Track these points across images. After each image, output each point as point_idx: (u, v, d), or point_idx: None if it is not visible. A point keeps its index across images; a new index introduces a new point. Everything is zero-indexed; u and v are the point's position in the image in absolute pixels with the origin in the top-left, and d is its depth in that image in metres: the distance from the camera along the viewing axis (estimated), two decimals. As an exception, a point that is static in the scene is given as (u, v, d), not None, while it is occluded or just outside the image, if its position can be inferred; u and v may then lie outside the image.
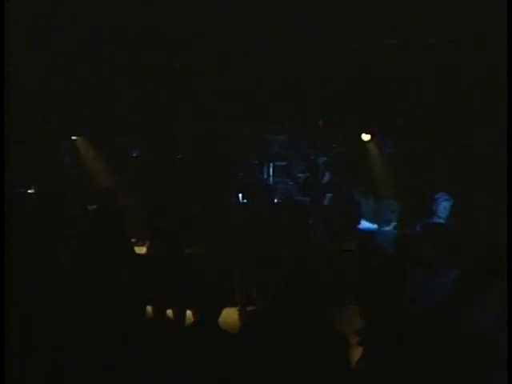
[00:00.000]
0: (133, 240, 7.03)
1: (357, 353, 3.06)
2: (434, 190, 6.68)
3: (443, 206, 6.30)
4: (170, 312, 5.57)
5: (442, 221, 6.24)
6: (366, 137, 9.88)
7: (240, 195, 9.30)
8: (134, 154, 9.93)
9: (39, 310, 3.52)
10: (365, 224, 6.40)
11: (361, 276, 4.42)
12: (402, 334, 3.01)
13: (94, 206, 7.62)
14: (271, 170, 10.11)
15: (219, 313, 3.26)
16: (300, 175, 10.16)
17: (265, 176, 10.05)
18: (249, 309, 6.39)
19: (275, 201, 9.11)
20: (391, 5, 6.41)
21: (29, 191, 8.95)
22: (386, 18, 6.66)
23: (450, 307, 3.32)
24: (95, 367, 2.96)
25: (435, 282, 3.94)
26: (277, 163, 10.15)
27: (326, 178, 9.88)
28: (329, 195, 9.52)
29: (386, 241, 5.22)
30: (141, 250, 6.78)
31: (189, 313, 4.86)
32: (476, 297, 3.26)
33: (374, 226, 6.06)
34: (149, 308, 4.54)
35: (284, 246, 5.43)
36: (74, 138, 9.72)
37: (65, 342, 3.22)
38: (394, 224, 5.73)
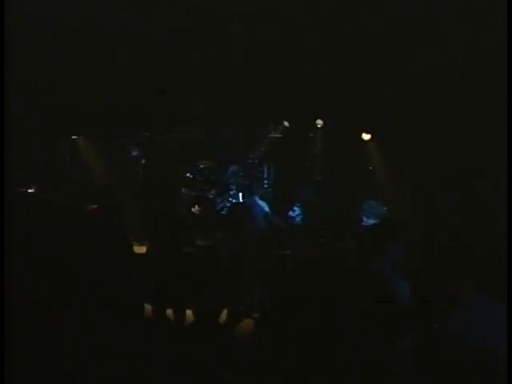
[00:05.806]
0: (132, 239, 7.04)
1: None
2: (433, 189, 6.66)
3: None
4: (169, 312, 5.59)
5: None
6: (366, 136, 9.88)
7: (240, 195, 9.30)
8: (134, 154, 9.94)
9: (39, 310, 3.53)
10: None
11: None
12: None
13: (94, 206, 7.64)
14: (271, 170, 10.10)
15: (220, 313, 3.26)
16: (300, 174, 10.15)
17: (265, 176, 10.04)
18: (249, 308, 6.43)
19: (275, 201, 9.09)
20: (391, 5, 6.43)
21: (29, 191, 8.96)
22: (387, 18, 6.67)
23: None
24: (95, 367, 2.97)
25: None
26: (277, 163, 10.14)
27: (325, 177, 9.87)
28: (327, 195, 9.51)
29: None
30: (140, 249, 6.79)
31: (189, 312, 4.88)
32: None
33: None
34: (148, 308, 4.56)
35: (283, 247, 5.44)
36: (74, 137, 9.74)
37: (64, 341, 3.23)
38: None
